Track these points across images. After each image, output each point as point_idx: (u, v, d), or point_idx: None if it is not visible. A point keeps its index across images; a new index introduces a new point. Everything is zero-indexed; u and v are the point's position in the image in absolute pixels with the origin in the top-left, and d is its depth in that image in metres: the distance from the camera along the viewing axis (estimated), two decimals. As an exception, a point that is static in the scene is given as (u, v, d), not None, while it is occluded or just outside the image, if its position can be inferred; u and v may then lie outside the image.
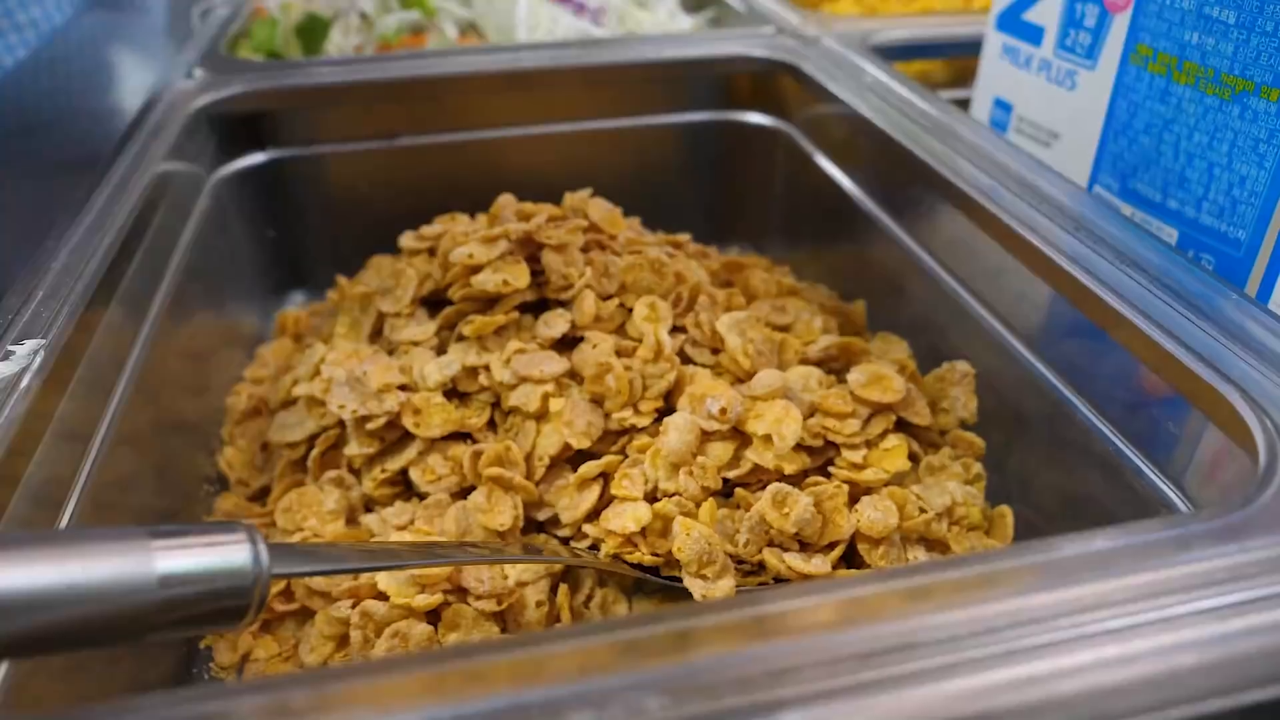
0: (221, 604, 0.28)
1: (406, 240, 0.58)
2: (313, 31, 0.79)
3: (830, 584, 0.27)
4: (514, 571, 0.41)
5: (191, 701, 0.24)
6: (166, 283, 0.54)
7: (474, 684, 0.24)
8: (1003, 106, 0.69)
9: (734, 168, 0.77)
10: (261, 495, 0.51)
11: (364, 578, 0.41)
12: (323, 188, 0.75)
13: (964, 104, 0.72)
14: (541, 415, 0.46)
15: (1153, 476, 0.40)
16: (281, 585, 0.42)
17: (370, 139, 0.73)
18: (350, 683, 0.25)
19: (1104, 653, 0.25)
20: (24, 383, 0.37)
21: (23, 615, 0.25)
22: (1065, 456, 0.46)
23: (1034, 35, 0.65)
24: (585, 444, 0.45)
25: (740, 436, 0.44)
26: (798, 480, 0.43)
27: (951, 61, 0.81)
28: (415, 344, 0.52)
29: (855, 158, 0.67)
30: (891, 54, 0.75)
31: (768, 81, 0.74)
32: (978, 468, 0.48)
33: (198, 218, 0.62)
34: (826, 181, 0.69)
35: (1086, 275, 0.44)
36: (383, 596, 0.40)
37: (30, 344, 0.38)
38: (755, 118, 0.75)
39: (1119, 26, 0.57)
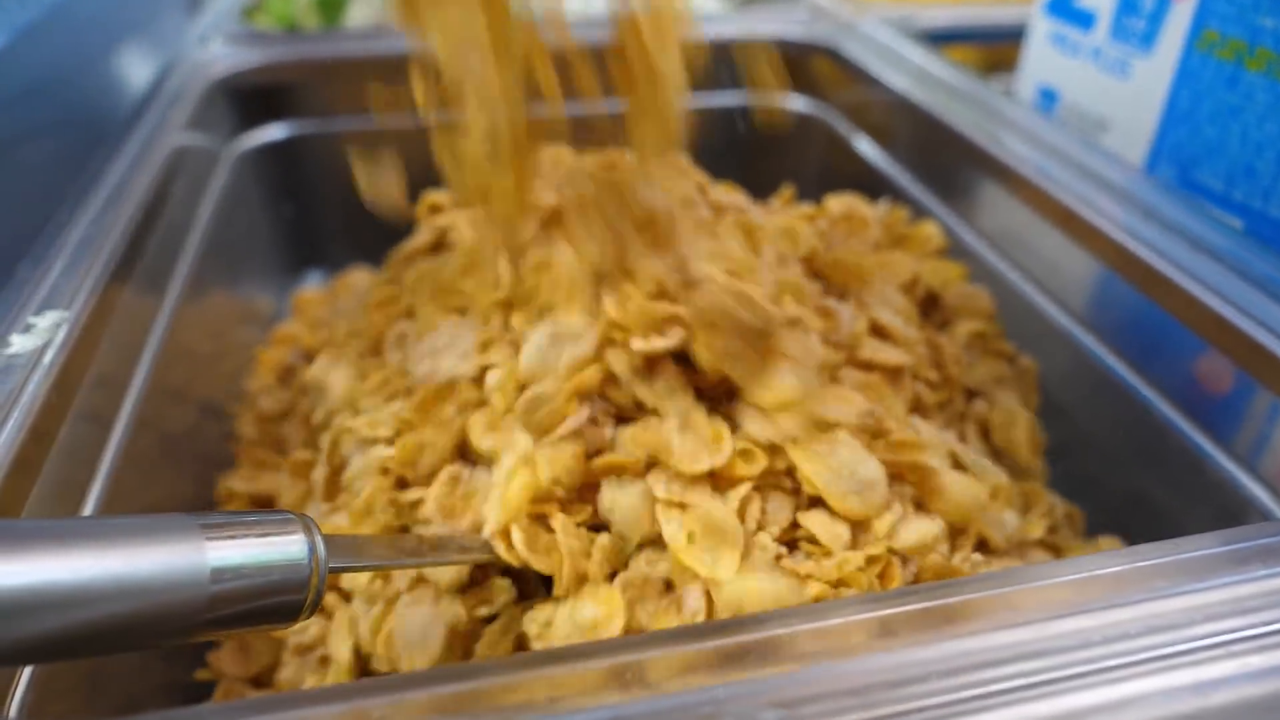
0: (276, 600, 0.26)
1: None
2: (332, 3, 0.76)
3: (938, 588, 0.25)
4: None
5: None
6: (187, 258, 0.51)
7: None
8: (1048, 95, 0.67)
9: (767, 151, 0.75)
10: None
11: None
12: (342, 163, 0.72)
13: (1004, 94, 0.70)
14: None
15: (1244, 479, 0.38)
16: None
17: (392, 113, 0.71)
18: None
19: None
20: (47, 358, 0.34)
21: (57, 613, 0.22)
22: (1142, 458, 0.44)
23: (1085, 21, 0.63)
24: None
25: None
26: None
27: (987, 50, 0.79)
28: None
29: (899, 141, 0.65)
30: (932, 39, 0.73)
31: (804, 64, 0.72)
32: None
33: (216, 192, 0.59)
34: (866, 166, 0.66)
35: (1161, 260, 0.42)
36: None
37: (53, 315, 0.36)
38: (793, 101, 0.72)
39: (1181, 12, 0.55)
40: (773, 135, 0.73)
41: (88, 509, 0.35)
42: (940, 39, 0.75)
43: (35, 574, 0.22)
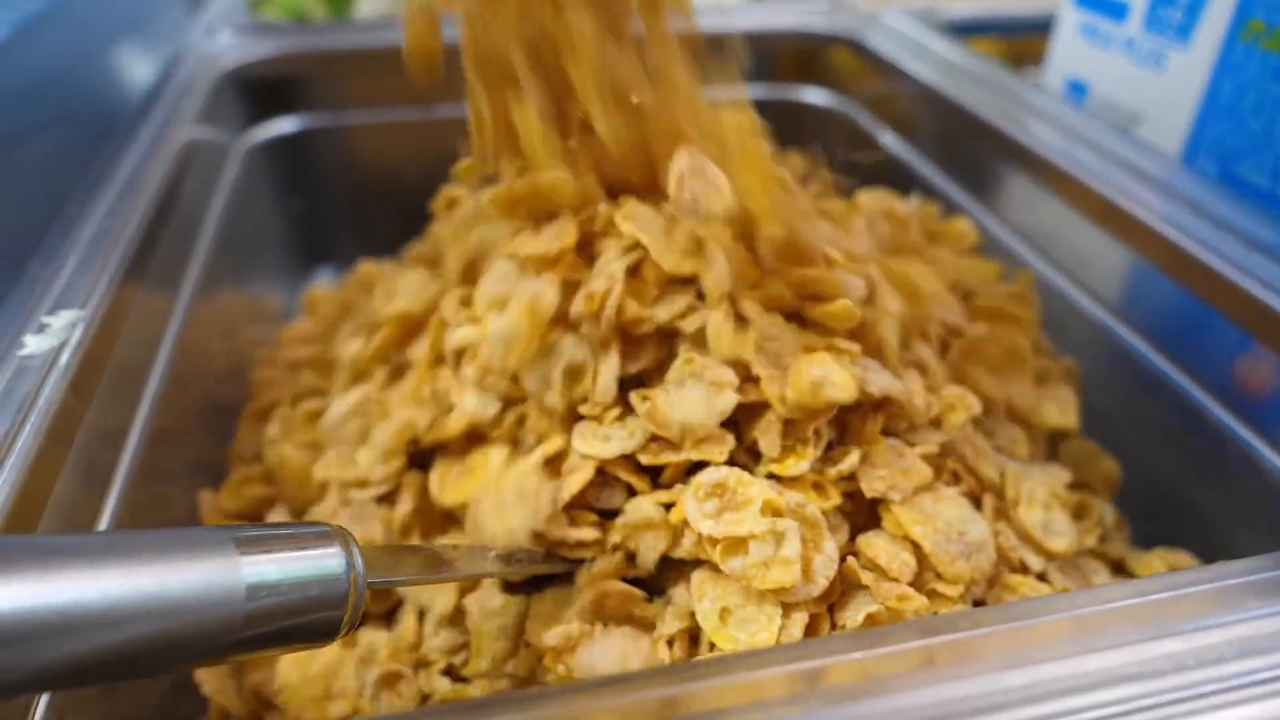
0: (314, 617, 0.24)
1: None
2: (341, -6, 0.74)
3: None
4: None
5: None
6: (200, 255, 0.50)
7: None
8: (1077, 88, 0.65)
9: (786, 146, 0.73)
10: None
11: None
12: (354, 158, 0.70)
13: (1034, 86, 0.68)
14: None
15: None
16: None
17: (402, 106, 0.69)
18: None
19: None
20: (63, 359, 0.32)
21: (86, 635, 0.21)
22: (1187, 460, 0.42)
23: (1117, 11, 0.61)
24: None
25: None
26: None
27: (1012, 42, 0.78)
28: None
29: (924, 134, 0.63)
30: (955, 30, 0.72)
31: (824, 56, 0.70)
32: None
33: (227, 187, 0.58)
34: (891, 160, 0.65)
35: (1209, 253, 0.41)
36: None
37: (68, 315, 0.34)
38: (812, 94, 0.71)
39: (1222, 2, 0.54)
40: (793, 129, 0.72)
41: (107, 513, 0.33)
42: (963, 31, 0.73)
43: (62, 594, 0.20)
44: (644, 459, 0.32)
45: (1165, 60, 0.58)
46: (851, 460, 0.32)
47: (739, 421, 0.33)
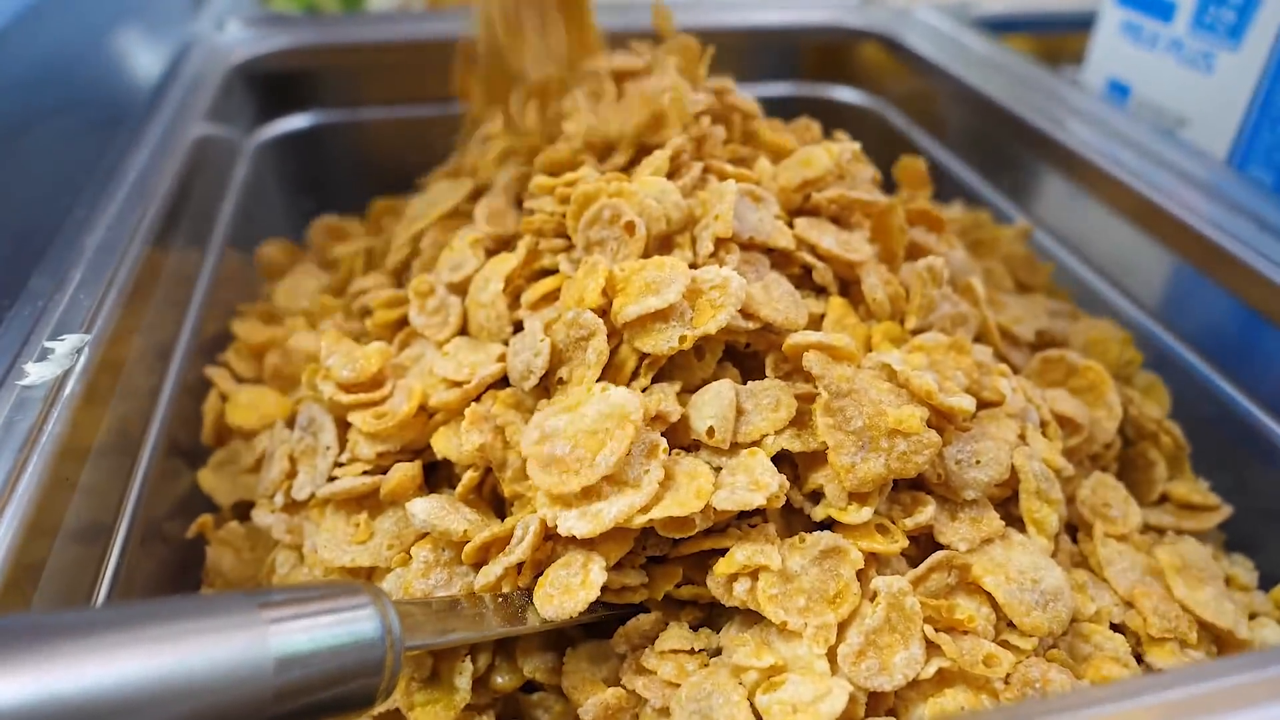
0: (349, 687, 0.22)
1: None
2: (354, -16, 0.72)
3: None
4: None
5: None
6: (208, 267, 0.47)
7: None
8: (1119, 88, 0.63)
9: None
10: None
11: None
12: (362, 155, 0.68)
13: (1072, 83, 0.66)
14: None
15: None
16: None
17: (420, 103, 0.66)
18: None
19: None
20: (67, 388, 0.30)
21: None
22: (1241, 473, 0.40)
23: (1163, 11, 0.59)
24: None
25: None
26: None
27: (1047, 40, 0.75)
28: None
29: (960, 135, 0.61)
30: (989, 26, 0.69)
31: (855, 53, 0.68)
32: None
33: (237, 188, 0.55)
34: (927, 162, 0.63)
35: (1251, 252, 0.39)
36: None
37: (72, 340, 0.32)
38: (843, 93, 0.68)
39: (1275, 3, 0.51)
40: (824, 129, 0.69)
41: (114, 555, 0.31)
42: (998, 27, 0.71)
43: (70, 683, 0.18)
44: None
45: (1214, 62, 0.56)
46: (928, 513, 0.30)
47: (796, 464, 0.31)
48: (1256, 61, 0.53)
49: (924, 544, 0.30)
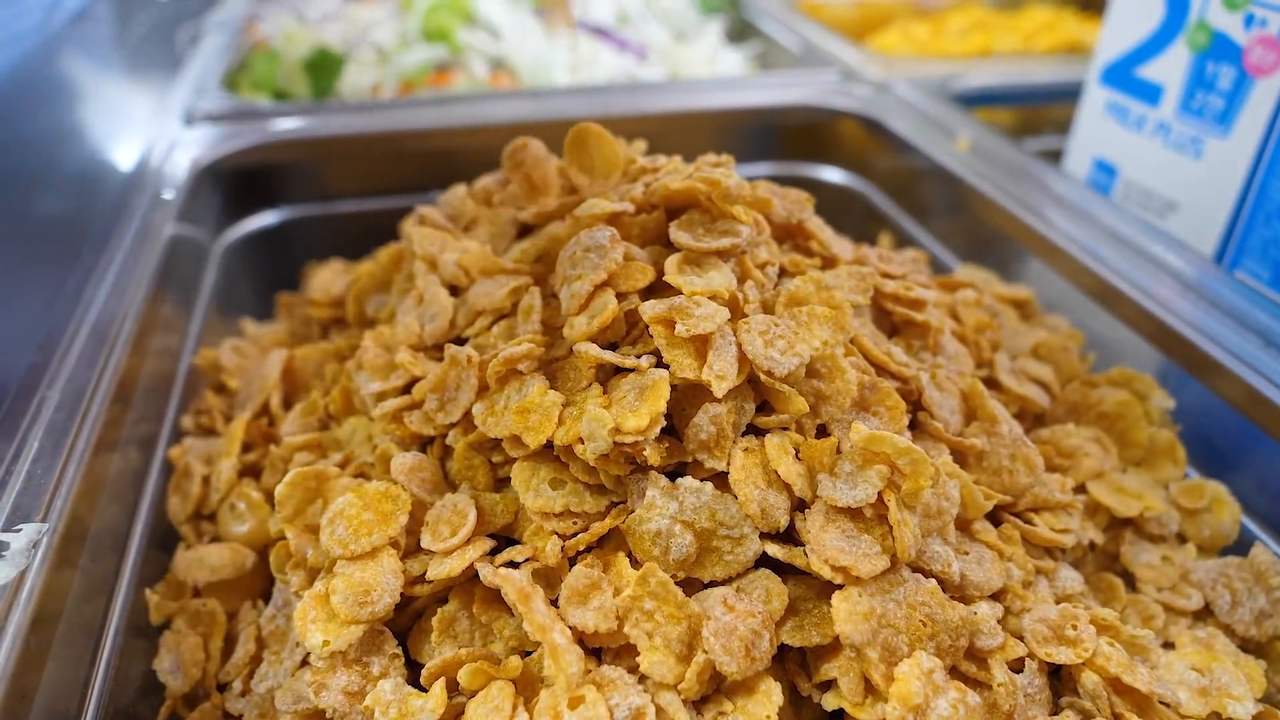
0: None
1: None
2: (324, 68, 0.70)
3: None
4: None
5: None
6: (174, 403, 0.45)
7: None
8: (1105, 169, 0.62)
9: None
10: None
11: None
12: (341, 249, 0.66)
13: (1051, 155, 0.65)
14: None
15: None
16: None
17: (393, 194, 0.65)
18: None
19: None
20: (24, 589, 0.28)
21: None
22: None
23: (1150, 94, 0.58)
24: None
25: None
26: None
27: (1025, 110, 0.75)
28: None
29: (948, 224, 0.60)
30: (968, 101, 0.69)
31: (837, 132, 0.67)
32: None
33: (207, 294, 0.53)
34: (913, 248, 0.62)
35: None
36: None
37: (29, 530, 0.30)
38: (827, 172, 0.67)
39: (1265, 92, 0.51)
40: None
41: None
42: (979, 101, 0.70)
43: None
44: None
45: (1203, 148, 0.55)
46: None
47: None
48: (1246, 150, 0.52)
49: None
